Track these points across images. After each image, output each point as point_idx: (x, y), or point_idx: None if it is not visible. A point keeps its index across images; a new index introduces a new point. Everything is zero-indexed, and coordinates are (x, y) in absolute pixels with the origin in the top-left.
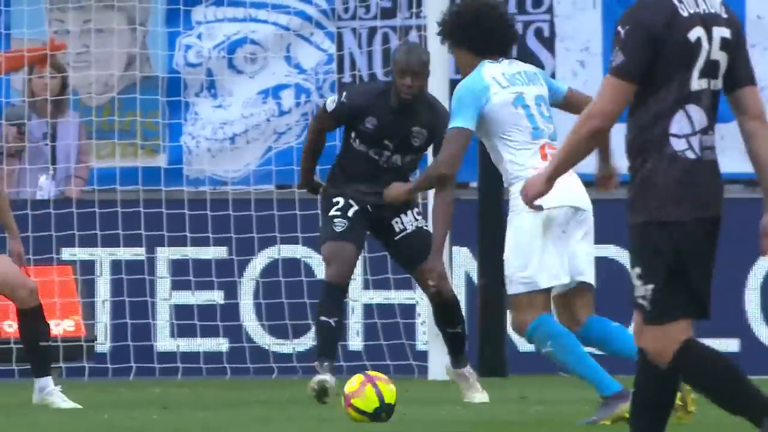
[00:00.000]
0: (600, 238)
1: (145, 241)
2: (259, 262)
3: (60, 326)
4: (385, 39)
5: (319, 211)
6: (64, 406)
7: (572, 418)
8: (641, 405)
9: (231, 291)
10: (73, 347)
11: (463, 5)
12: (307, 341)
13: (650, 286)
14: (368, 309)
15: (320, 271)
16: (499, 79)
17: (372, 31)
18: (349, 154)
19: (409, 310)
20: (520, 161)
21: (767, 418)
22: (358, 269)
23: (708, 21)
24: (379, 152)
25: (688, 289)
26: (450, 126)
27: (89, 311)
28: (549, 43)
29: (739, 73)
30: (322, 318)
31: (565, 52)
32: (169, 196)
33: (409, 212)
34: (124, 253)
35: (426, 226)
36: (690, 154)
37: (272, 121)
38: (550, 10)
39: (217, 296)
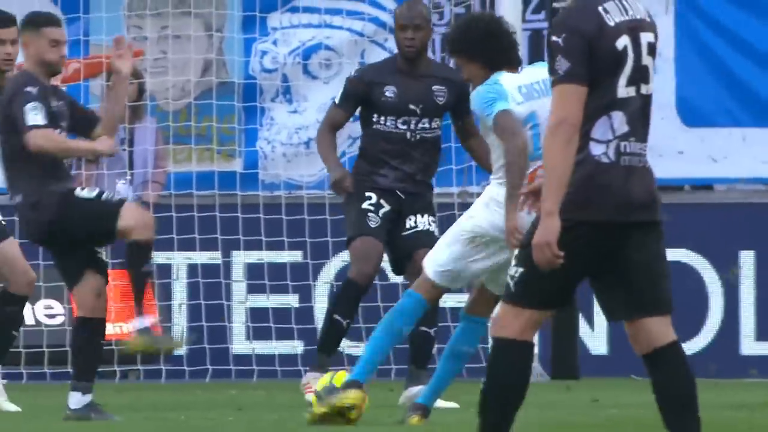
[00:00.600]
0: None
1: (221, 245)
2: (333, 265)
3: None
4: None
5: (343, 203)
6: (4, 407)
7: (644, 421)
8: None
9: (305, 294)
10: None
11: (473, 20)
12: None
13: (520, 269)
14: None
15: (393, 275)
16: (515, 94)
17: (445, 38)
18: (374, 138)
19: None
20: None
21: None
22: None
23: (635, 28)
24: (407, 120)
25: (543, 284)
26: (493, 114)
27: (166, 314)
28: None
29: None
30: (336, 316)
31: None
32: (245, 200)
33: (426, 215)
34: (201, 257)
35: (436, 232)
36: (604, 159)
37: (346, 126)
38: None
39: (291, 299)
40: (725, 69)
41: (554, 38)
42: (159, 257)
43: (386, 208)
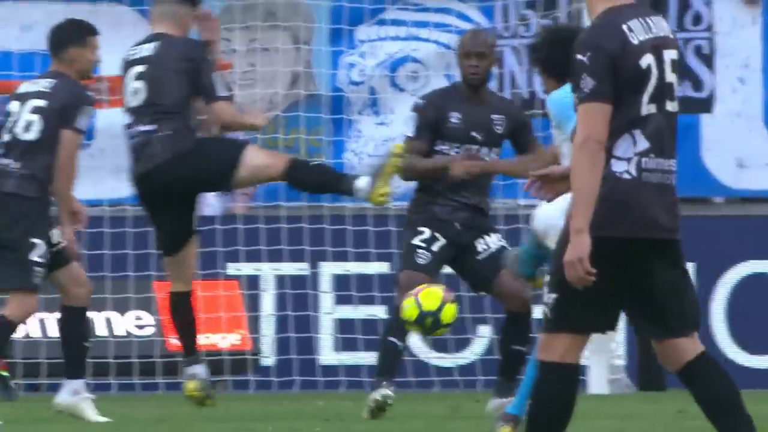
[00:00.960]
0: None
1: (308, 257)
2: None
3: (226, 340)
4: None
5: (401, 232)
6: (93, 419)
7: None
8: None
9: (393, 305)
10: (239, 361)
11: (554, 33)
12: (469, 356)
13: (552, 296)
14: None
15: None
16: None
17: (530, 49)
18: None
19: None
20: None
21: None
22: None
23: (659, 46)
24: (469, 148)
25: (578, 306)
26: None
27: (254, 325)
28: (708, 61)
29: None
30: (391, 338)
31: (725, 69)
32: (332, 212)
33: (492, 234)
34: (288, 268)
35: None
36: (625, 175)
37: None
38: (709, 27)
39: (378, 310)
40: None
41: (579, 57)
42: (247, 268)
43: (442, 241)
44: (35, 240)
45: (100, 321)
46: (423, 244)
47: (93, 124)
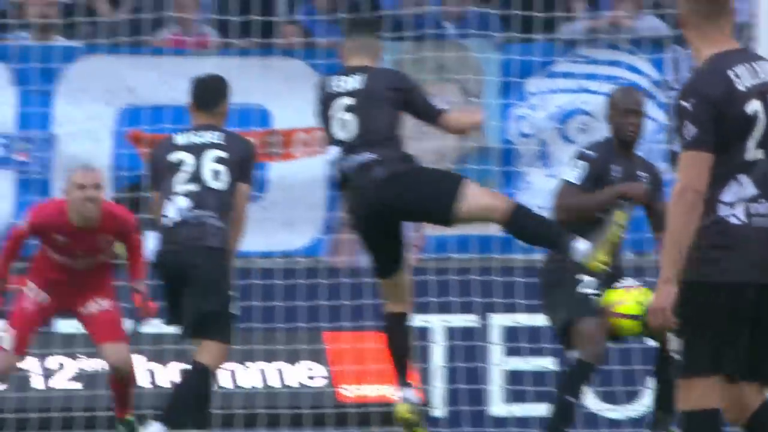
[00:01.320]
0: None
1: (478, 308)
2: None
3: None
4: None
5: (548, 282)
6: None
7: None
8: None
9: (563, 357)
10: None
11: None
12: (639, 407)
13: (682, 341)
14: None
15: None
16: None
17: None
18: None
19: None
20: None
21: None
22: None
23: (766, 91)
24: (622, 204)
25: (711, 350)
26: None
27: (425, 377)
28: None
29: None
30: (568, 397)
31: None
32: (502, 263)
33: (629, 279)
34: (458, 320)
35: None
36: (734, 220)
37: None
38: None
39: (548, 362)
40: None
41: (683, 103)
42: (417, 320)
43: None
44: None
45: (271, 372)
46: (591, 290)
47: (265, 176)
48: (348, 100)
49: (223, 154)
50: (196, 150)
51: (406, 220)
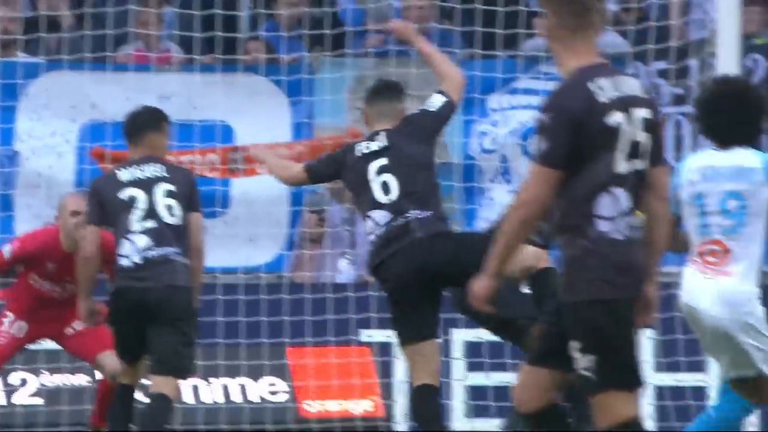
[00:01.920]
0: None
1: (440, 324)
2: None
3: (359, 406)
4: (677, 125)
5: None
6: None
7: None
8: None
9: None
10: (371, 427)
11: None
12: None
13: (591, 357)
14: (659, 391)
15: None
16: (691, 175)
17: (664, 118)
18: None
19: (699, 393)
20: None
21: None
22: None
23: (628, 104)
24: None
25: (620, 363)
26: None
27: (387, 391)
28: None
29: (654, 153)
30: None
31: None
32: None
33: None
34: None
35: None
36: (617, 236)
37: None
38: None
39: (510, 377)
40: None
41: (542, 116)
42: (379, 335)
43: None
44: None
45: (234, 387)
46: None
47: (228, 193)
48: (381, 161)
49: (171, 187)
50: (145, 185)
51: (448, 284)
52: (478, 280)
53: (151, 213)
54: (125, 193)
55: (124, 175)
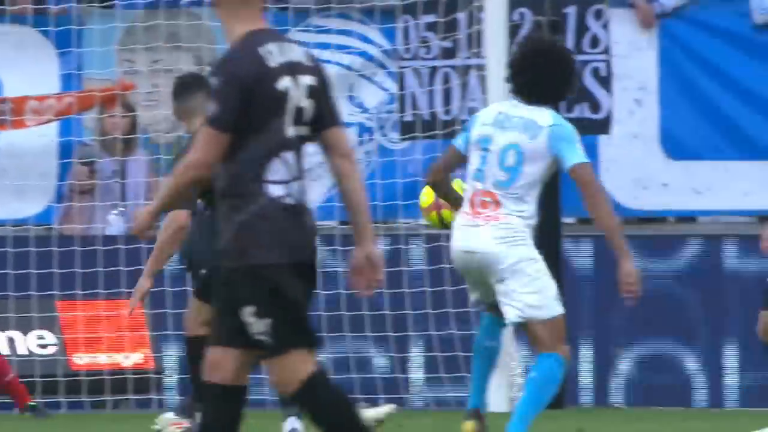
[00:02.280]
0: None
1: None
2: None
3: (129, 359)
4: (446, 79)
5: None
6: None
7: None
8: None
9: None
10: (142, 380)
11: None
12: None
13: (268, 320)
14: (428, 340)
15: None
16: (485, 117)
17: (433, 71)
18: None
19: (468, 343)
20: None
21: None
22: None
23: (294, 69)
24: None
25: (297, 323)
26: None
27: (157, 345)
28: (606, 83)
29: (325, 117)
30: None
31: (622, 92)
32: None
33: None
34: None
35: None
36: (289, 200)
37: None
38: (607, 50)
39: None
40: (708, 102)
41: (212, 79)
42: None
43: None
44: None
45: (2, 341)
46: None
47: None
48: None
49: None
50: None
51: None
52: (140, 215)
53: None
54: None
55: None
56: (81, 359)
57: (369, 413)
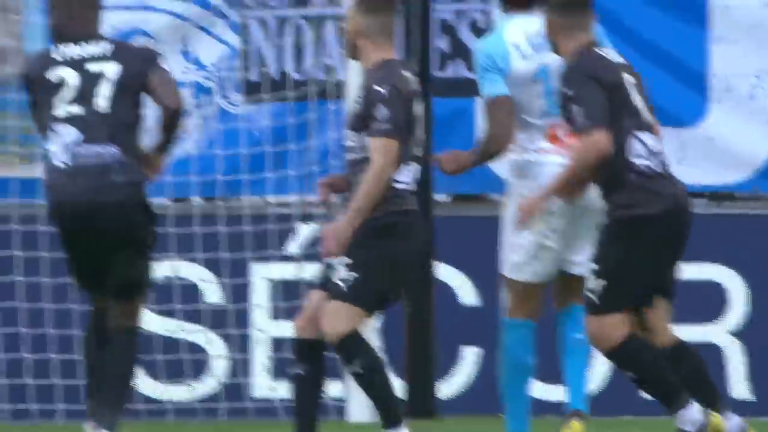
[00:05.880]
0: None
1: None
2: None
3: None
4: (298, 31)
5: None
6: None
7: None
8: None
9: None
10: None
11: None
12: None
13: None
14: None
15: None
16: (521, 45)
17: (282, 22)
18: None
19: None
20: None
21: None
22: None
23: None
24: None
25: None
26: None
27: None
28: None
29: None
30: None
31: None
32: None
33: None
34: None
35: None
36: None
37: None
38: None
39: None
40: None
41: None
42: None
43: None
44: None
45: None
46: None
47: None
48: None
49: None
50: None
51: None
52: None
53: None
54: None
55: None
56: None
57: None
